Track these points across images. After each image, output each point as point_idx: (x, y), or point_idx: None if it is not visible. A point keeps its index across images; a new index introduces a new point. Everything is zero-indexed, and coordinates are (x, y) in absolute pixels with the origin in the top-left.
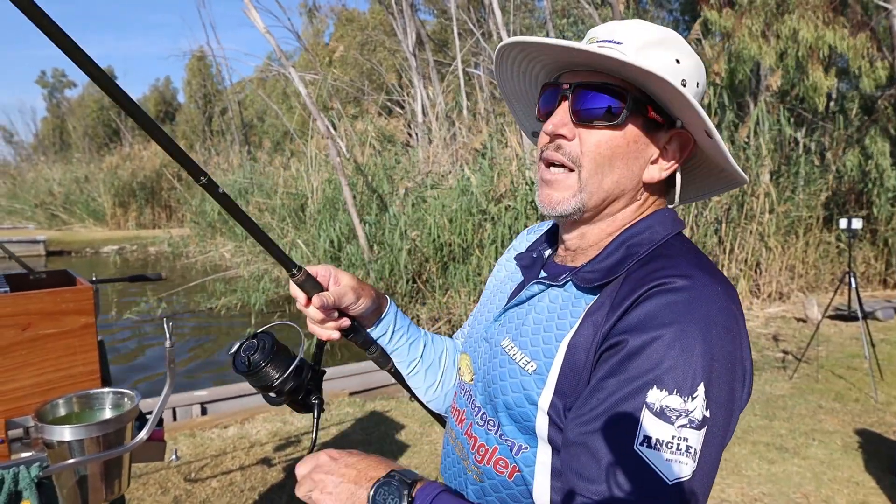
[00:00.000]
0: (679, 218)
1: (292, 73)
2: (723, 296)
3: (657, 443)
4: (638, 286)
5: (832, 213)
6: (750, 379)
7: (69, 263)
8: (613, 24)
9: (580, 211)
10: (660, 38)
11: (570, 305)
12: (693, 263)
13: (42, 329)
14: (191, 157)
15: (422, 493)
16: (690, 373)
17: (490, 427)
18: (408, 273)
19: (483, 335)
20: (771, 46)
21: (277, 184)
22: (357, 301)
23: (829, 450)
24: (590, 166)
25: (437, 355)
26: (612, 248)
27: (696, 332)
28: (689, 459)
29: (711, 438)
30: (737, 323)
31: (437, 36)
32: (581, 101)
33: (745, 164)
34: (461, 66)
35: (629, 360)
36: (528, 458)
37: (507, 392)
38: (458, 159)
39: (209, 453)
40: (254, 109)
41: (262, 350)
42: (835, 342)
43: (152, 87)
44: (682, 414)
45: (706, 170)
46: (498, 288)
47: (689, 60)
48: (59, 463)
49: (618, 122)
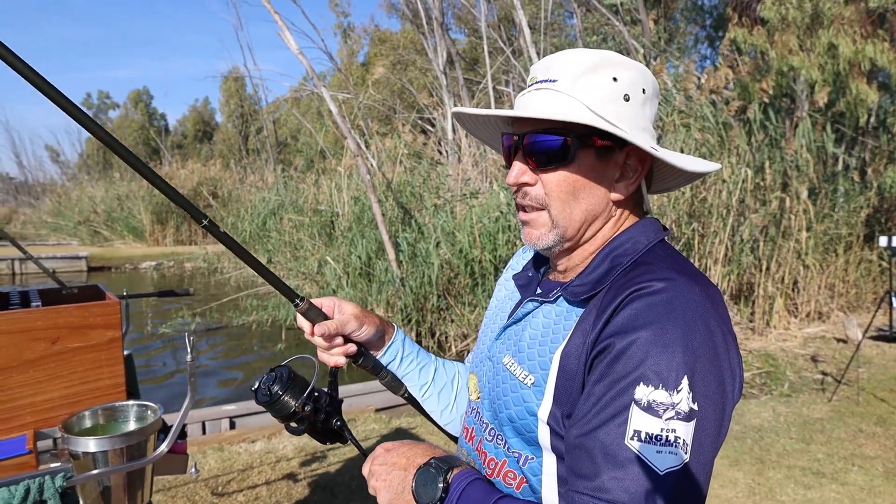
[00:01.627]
0: (661, 226)
1: (325, 92)
2: (701, 295)
3: (647, 436)
4: (620, 293)
5: (873, 230)
6: (740, 375)
7: (109, 278)
8: (548, 61)
9: (560, 242)
10: (592, 64)
11: (562, 319)
12: (671, 267)
13: (70, 343)
14: (191, 202)
15: (457, 479)
16: (673, 367)
17: (498, 441)
18: (438, 289)
19: (486, 354)
20: (811, 61)
21: (308, 201)
22: (360, 328)
23: (869, 476)
24: (557, 204)
25: (448, 378)
26: (597, 261)
27: (676, 330)
28: (680, 450)
29: (702, 430)
30: (717, 320)
31: (467, 54)
32: (532, 148)
33: (784, 180)
34: (491, 84)
35: (615, 362)
36: (534, 468)
37: (509, 406)
38: (487, 176)
39: (236, 467)
40: (288, 129)
41: (280, 381)
42: (877, 364)
43: (191, 107)
44: (669, 407)
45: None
46: (499, 308)
47: (628, 73)
48: (84, 473)
49: (569, 160)
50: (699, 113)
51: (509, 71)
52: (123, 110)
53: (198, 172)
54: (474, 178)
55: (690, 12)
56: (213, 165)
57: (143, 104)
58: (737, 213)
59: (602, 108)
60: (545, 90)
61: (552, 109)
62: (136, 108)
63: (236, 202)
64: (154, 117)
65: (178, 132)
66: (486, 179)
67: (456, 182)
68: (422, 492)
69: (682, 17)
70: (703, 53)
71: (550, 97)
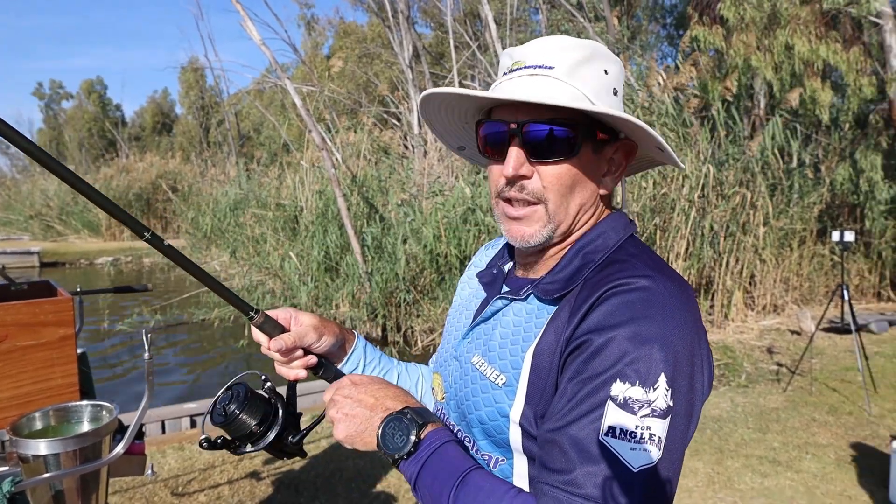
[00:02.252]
0: (630, 220)
1: (288, 84)
2: (676, 292)
3: (622, 432)
4: (595, 290)
5: (826, 225)
6: (710, 371)
7: (63, 274)
8: (537, 46)
9: (550, 238)
10: (586, 54)
11: (533, 317)
12: (647, 265)
13: (20, 341)
14: (131, 216)
15: (430, 437)
16: (651, 365)
17: (465, 443)
18: (403, 285)
19: (452, 354)
20: (767, 61)
21: (271, 195)
22: (319, 339)
23: (822, 463)
24: (555, 198)
25: (412, 383)
26: (568, 257)
27: (654, 327)
28: (654, 447)
29: (675, 427)
30: (692, 317)
31: (433, 49)
32: (533, 138)
33: (746, 178)
34: (457, 79)
35: (592, 358)
36: (504, 471)
37: (479, 407)
38: (453, 171)
39: (197, 467)
40: (251, 121)
41: (237, 399)
42: (829, 355)
43: (150, 98)
44: (645, 404)
45: (643, 153)
46: (463, 306)
47: (614, 67)
48: (33, 478)
49: (573, 153)
50: (662, 110)
51: (475, 66)
52: (77, 101)
53: (157, 165)
54: (440, 172)
55: (652, 11)
56: (173, 158)
57: (97, 94)
58: (698, 208)
59: (598, 100)
60: (542, 76)
61: (559, 97)
62: (89, 99)
63: (197, 196)
64: (109, 108)
65: (136, 124)
66: (451, 174)
67: (421, 176)
68: (388, 440)
69: (644, 15)
70: (664, 52)
71: (551, 84)
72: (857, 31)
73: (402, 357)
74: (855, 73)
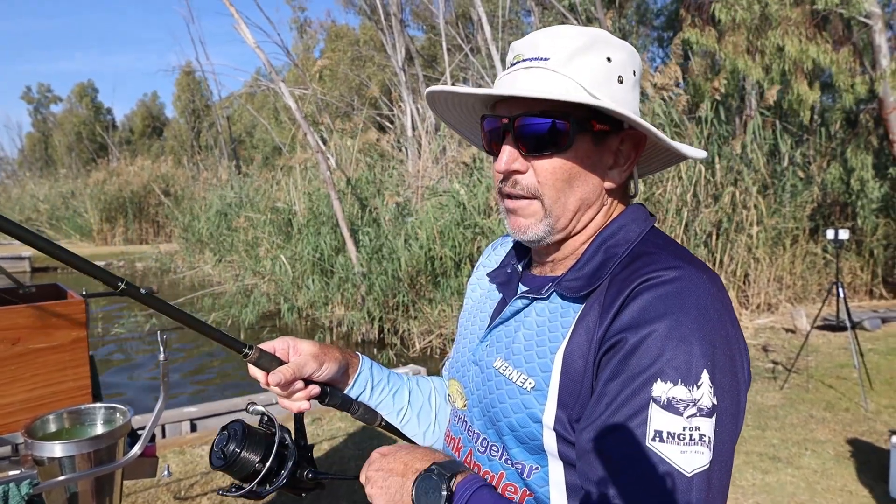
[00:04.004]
0: (649, 212)
1: (282, 87)
2: (709, 283)
3: (669, 436)
4: (625, 286)
5: (818, 224)
6: (748, 359)
7: (55, 279)
8: (537, 36)
9: (550, 233)
10: (585, 42)
11: (558, 316)
12: (676, 256)
13: (32, 343)
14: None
15: (461, 487)
16: (692, 361)
17: (493, 453)
18: (399, 286)
19: (471, 358)
20: (756, 62)
21: (265, 198)
22: (321, 367)
23: (821, 459)
24: (551, 193)
25: (425, 398)
26: (589, 253)
27: (691, 321)
28: (705, 448)
29: (723, 424)
30: (727, 308)
31: (426, 51)
32: (525, 132)
33: (737, 177)
34: (450, 81)
35: (629, 358)
36: (540, 479)
37: (509, 414)
38: (447, 173)
39: (199, 471)
40: (242, 124)
41: (235, 438)
42: (824, 352)
43: (140, 102)
44: (690, 403)
45: (662, 148)
46: (477, 308)
47: (620, 54)
48: (50, 480)
49: (566, 146)
50: (656, 110)
51: (468, 68)
52: (67, 104)
53: (148, 169)
54: (434, 174)
55: (643, 13)
56: (164, 162)
57: (89, 98)
58: (691, 208)
59: (597, 90)
60: (536, 68)
61: (550, 88)
62: (81, 102)
63: (189, 200)
64: (100, 112)
65: (126, 128)
66: (446, 176)
67: (416, 179)
68: (423, 500)
69: (634, 17)
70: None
71: (544, 76)
72: (847, 32)
73: (399, 359)
74: (845, 73)
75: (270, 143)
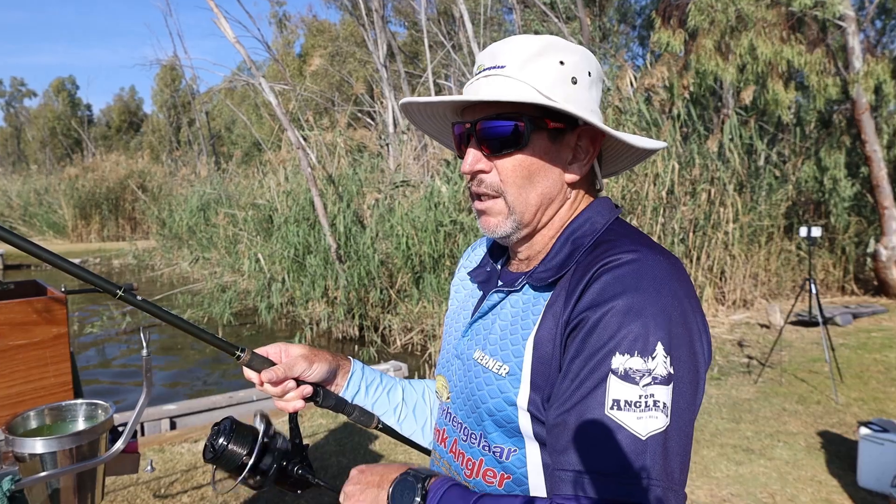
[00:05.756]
0: (614, 204)
1: (263, 83)
2: (665, 264)
3: (626, 404)
4: (587, 271)
5: (793, 222)
6: (707, 337)
7: (29, 276)
8: (494, 48)
9: (518, 229)
10: (538, 48)
11: (530, 306)
12: (636, 241)
13: (12, 340)
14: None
15: (435, 486)
16: (647, 334)
17: (473, 440)
18: (380, 283)
19: (454, 353)
20: (729, 62)
21: (246, 195)
22: (310, 367)
23: (793, 450)
24: (512, 190)
25: (419, 395)
26: (558, 245)
27: (646, 298)
28: (660, 413)
29: (681, 392)
30: (683, 286)
31: (407, 48)
32: (485, 135)
33: (713, 174)
34: (432, 78)
35: (590, 335)
36: (518, 461)
37: (486, 400)
38: (428, 170)
39: (179, 468)
40: (222, 120)
41: (223, 432)
42: (797, 347)
43: (117, 97)
44: (646, 373)
45: (626, 145)
46: (460, 307)
47: (573, 56)
48: (33, 476)
49: (523, 144)
50: (634, 109)
51: (449, 65)
52: (45, 99)
53: (124, 164)
54: (416, 172)
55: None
56: (142, 157)
57: (66, 93)
58: (668, 205)
59: (552, 91)
60: (494, 76)
61: (504, 93)
62: (59, 97)
63: (167, 196)
64: (78, 107)
65: (102, 122)
66: (427, 173)
67: (397, 175)
68: (398, 499)
69: (615, 15)
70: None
71: (500, 82)
72: (821, 34)
73: (380, 356)
74: (818, 75)
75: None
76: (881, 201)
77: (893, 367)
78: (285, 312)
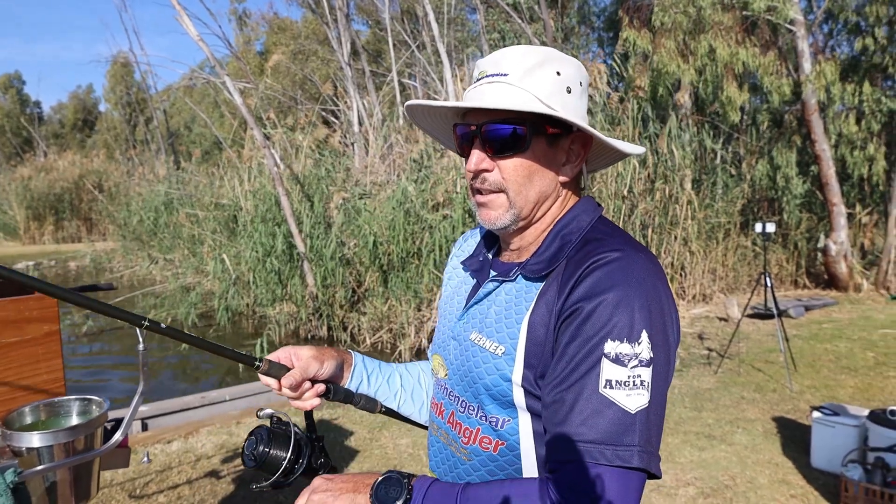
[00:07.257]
0: (598, 203)
1: (228, 82)
2: (647, 261)
3: (618, 383)
4: (579, 266)
5: (748, 218)
6: (678, 325)
7: None
8: (497, 56)
9: (515, 221)
10: (538, 59)
11: (523, 294)
12: (621, 240)
13: (4, 337)
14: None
15: (418, 483)
16: (634, 323)
17: (471, 412)
18: (346, 282)
19: (450, 335)
20: (689, 64)
21: (208, 194)
22: (322, 366)
23: (751, 436)
24: (514, 188)
25: (415, 379)
26: (548, 240)
27: (633, 292)
28: (644, 391)
29: (658, 373)
30: (661, 280)
31: (371, 46)
32: (490, 137)
33: (664, 172)
34: (396, 77)
35: (584, 323)
36: (511, 429)
37: (483, 376)
38: (395, 169)
39: (154, 469)
40: (181, 118)
41: (262, 440)
42: (753, 339)
43: (71, 94)
44: (633, 357)
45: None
46: (454, 293)
47: (568, 68)
48: (33, 468)
49: (524, 147)
50: (596, 109)
51: (413, 64)
52: None
53: (79, 164)
54: (382, 171)
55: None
56: (97, 156)
57: (15, 90)
58: (628, 202)
59: (550, 100)
60: (498, 83)
61: (510, 100)
62: (6, 94)
63: (125, 196)
64: (27, 104)
65: (55, 120)
66: (393, 172)
67: (363, 175)
68: (383, 495)
69: (576, 17)
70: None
71: (504, 90)
72: (773, 37)
73: None
74: (770, 76)
75: (210, 138)
76: (830, 198)
77: (843, 356)
78: (251, 313)
